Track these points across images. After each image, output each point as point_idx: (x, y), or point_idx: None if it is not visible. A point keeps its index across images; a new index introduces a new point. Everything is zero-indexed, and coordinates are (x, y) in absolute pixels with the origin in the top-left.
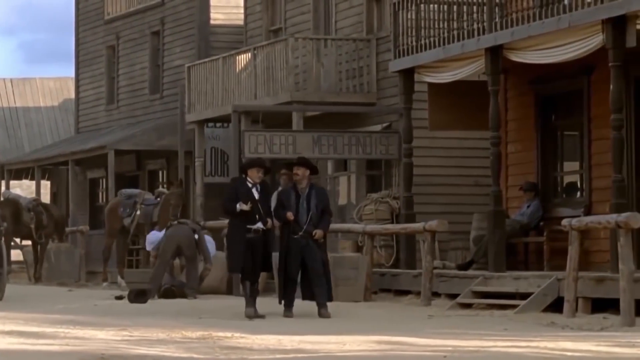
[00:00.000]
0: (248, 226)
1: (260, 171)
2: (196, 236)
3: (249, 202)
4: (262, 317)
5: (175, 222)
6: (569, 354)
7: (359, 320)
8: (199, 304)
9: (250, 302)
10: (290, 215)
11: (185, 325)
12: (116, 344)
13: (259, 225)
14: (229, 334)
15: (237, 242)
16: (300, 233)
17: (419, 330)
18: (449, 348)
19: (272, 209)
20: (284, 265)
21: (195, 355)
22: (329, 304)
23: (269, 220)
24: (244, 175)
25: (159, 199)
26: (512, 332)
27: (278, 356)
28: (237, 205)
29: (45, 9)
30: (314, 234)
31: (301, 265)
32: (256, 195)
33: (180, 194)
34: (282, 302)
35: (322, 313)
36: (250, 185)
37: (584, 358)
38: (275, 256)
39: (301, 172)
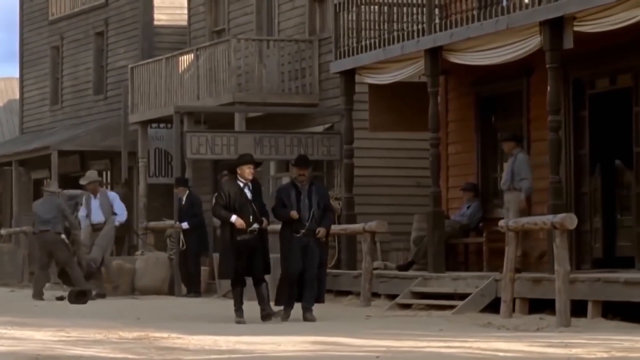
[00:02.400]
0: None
1: (251, 167)
2: (62, 236)
3: (246, 227)
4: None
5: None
6: (501, 354)
7: (298, 320)
8: (140, 305)
9: (241, 308)
10: (294, 214)
11: (123, 325)
12: (52, 344)
13: (255, 226)
14: (165, 335)
15: (229, 247)
16: (303, 231)
17: (355, 330)
18: (383, 348)
19: (270, 207)
20: (287, 265)
21: (130, 356)
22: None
23: (265, 220)
24: (232, 174)
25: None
26: (448, 332)
27: (213, 357)
28: (234, 217)
29: None
30: (317, 231)
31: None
32: (249, 195)
33: (124, 194)
34: (282, 303)
35: (307, 317)
36: (241, 184)
37: (515, 358)
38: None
39: (306, 172)
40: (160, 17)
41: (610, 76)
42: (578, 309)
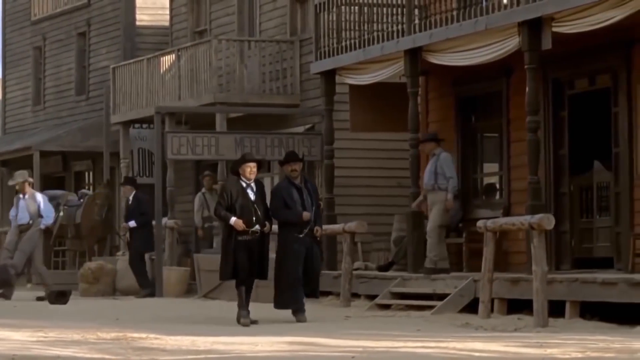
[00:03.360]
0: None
1: (251, 166)
2: None
3: (249, 229)
4: (255, 322)
5: None
6: (476, 354)
7: (277, 321)
8: (120, 305)
9: (245, 308)
10: (307, 215)
11: (101, 326)
12: (30, 344)
13: (257, 227)
14: (143, 335)
15: (229, 247)
16: (306, 231)
17: (333, 331)
18: (359, 349)
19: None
20: (290, 268)
21: (107, 356)
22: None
23: (267, 224)
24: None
25: (82, 200)
26: (425, 332)
27: (190, 357)
28: (233, 218)
29: None
30: (315, 230)
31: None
32: (252, 196)
33: (106, 195)
34: (290, 307)
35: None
36: (244, 185)
37: (491, 358)
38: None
39: (298, 167)
40: (143, 18)
41: (589, 77)
42: (556, 309)
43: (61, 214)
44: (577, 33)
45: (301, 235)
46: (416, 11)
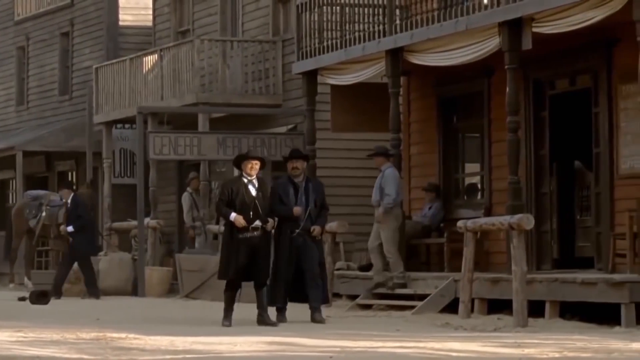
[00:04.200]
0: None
1: (253, 163)
2: None
3: (249, 225)
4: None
5: None
6: (454, 354)
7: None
8: (101, 305)
9: (230, 310)
10: (297, 210)
11: (82, 326)
12: (9, 345)
13: (257, 223)
14: (123, 335)
15: (229, 246)
16: (297, 230)
17: (313, 331)
18: (337, 349)
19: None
20: (279, 265)
21: (85, 356)
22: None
23: (270, 221)
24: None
25: (64, 200)
26: (405, 332)
27: (168, 357)
28: (233, 214)
29: None
30: (312, 230)
31: (295, 265)
32: (253, 193)
33: (89, 195)
34: (275, 304)
35: (316, 317)
36: (246, 181)
37: (468, 358)
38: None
39: (300, 165)
40: (126, 18)
41: (569, 77)
42: (537, 309)
43: (44, 214)
44: (558, 33)
45: (293, 235)
46: (397, 11)
